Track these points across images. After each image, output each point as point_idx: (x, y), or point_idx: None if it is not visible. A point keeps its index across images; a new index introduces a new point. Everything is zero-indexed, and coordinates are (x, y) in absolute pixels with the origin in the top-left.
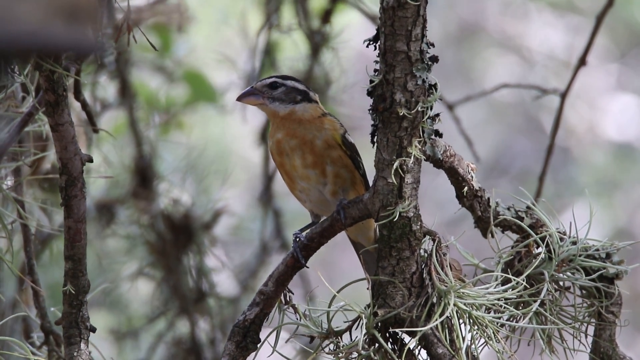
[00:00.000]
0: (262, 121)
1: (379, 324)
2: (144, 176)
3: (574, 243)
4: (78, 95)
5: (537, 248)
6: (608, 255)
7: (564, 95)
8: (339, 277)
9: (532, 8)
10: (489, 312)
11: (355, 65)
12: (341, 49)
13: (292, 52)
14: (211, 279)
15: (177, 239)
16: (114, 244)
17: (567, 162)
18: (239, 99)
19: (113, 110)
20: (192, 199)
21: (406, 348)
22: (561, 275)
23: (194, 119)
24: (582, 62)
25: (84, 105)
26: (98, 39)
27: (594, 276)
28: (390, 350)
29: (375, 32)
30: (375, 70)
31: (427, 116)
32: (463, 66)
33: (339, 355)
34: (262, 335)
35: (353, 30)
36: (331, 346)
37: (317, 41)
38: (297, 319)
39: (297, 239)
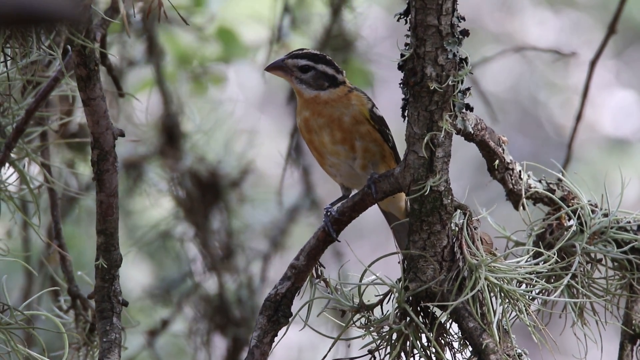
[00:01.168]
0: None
1: (410, 298)
2: (171, 134)
3: (606, 215)
4: (104, 60)
5: (568, 220)
6: None
7: (593, 62)
8: (370, 252)
9: (529, 4)
10: (520, 286)
11: (379, 22)
12: (363, 7)
13: (316, 11)
14: (239, 237)
15: (204, 196)
16: (142, 202)
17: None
18: (268, 69)
19: (141, 68)
20: (220, 157)
21: (437, 322)
22: (593, 247)
23: (225, 75)
24: (612, 30)
25: (110, 70)
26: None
27: (625, 248)
28: (421, 324)
29: (406, 5)
30: (406, 44)
31: (457, 90)
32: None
33: (370, 329)
34: (294, 310)
35: None
36: (362, 320)
37: (337, 1)
38: (328, 293)
39: (329, 213)
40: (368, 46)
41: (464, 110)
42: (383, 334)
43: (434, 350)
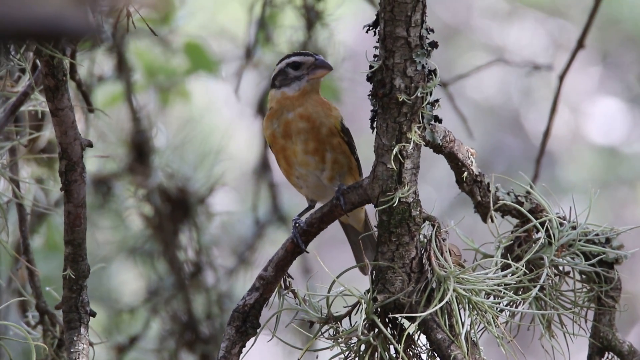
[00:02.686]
0: (259, 93)
1: (379, 309)
2: (140, 150)
3: (574, 228)
4: (73, 74)
5: (536, 233)
6: (607, 240)
7: (562, 77)
8: (338, 263)
9: (514, 10)
10: (488, 298)
11: (350, 42)
12: (335, 25)
13: (289, 24)
14: (208, 253)
15: (173, 213)
16: (110, 219)
17: (551, 165)
18: (323, 66)
19: (110, 84)
20: (189, 173)
21: (405, 333)
22: (561, 260)
23: (193, 88)
24: (580, 44)
25: (79, 85)
26: (95, 19)
27: (593, 261)
28: (389, 336)
29: (374, 17)
30: (375, 56)
31: (426, 102)
32: (445, 69)
33: (339, 341)
34: (262, 321)
35: (347, 9)
36: (331, 331)
37: (311, 17)
38: (296, 304)
39: (297, 225)
40: (337, 62)
41: (432, 122)
42: (351, 345)
43: None
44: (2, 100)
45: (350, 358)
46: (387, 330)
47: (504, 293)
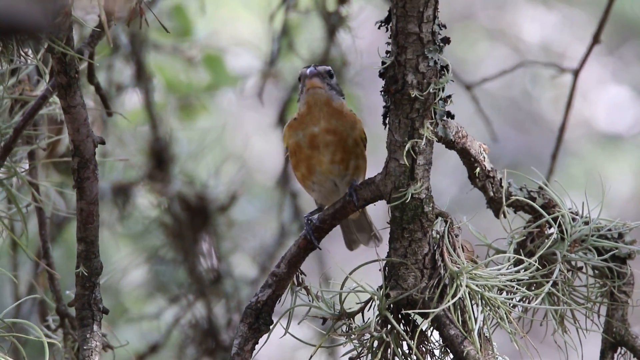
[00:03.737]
0: (279, 103)
1: (391, 305)
2: (160, 158)
3: (586, 223)
4: (92, 78)
5: (549, 228)
6: (620, 235)
7: (577, 73)
8: (350, 260)
9: (522, 0)
10: (501, 293)
11: (371, 47)
12: (358, 30)
13: (310, 34)
14: (228, 261)
15: (193, 221)
16: (130, 227)
17: (559, 154)
18: (310, 76)
19: (129, 93)
20: (208, 182)
21: (418, 329)
22: (573, 255)
23: (213, 103)
24: (596, 40)
25: (98, 89)
26: (49, 16)
27: (606, 256)
28: (402, 332)
29: (387, 13)
30: (387, 52)
31: (438, 97)
32: (455, 59)
33: (351, 337)
34: (275, 317)
35: (369, 12)
36: (343, 328)
37: (334, 22)
38: (309, 300)
39: (309, 221)
40: (357, 70)
41: (445, 118)
42: (364, 341)
43: (415, 358)
44: (20, 104)
45: (363, 354)
46: (399, 326)
47: (516, 289)
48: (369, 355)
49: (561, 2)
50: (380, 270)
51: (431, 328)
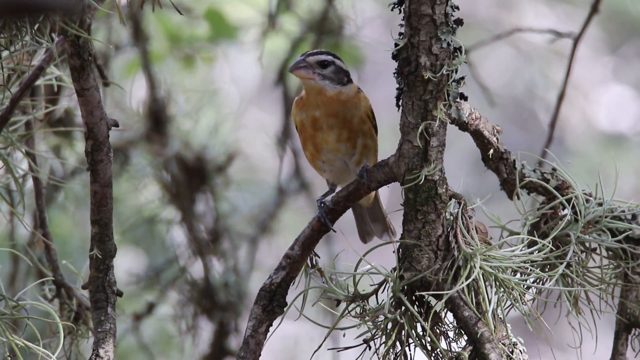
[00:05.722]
0: (280, 61)
1: (405, 287)
2: (157, 119)
3: (600, 204)
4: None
5: (563, 210)
6: (634, 217)
7: (576, 40)
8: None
9: None
10: (515, 275)
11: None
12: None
13: None
14: (225, 221)
15: (190, 181)
16: (127, 187)
17: (561, 153)
18: (291, 70)
19: (127, 53)
20: (206, 141)
21: (432, 311)
22: (587, 236)
23: (214, 56)
24: (595, 9)
25: (94, 59)
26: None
27: (620, 237)
28: (416, 313)
29: None
30: (400, 34)
31: (452, 79)
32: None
33: (366, 319)
34: (289, 299)
35: None
36: (357, 309)
37: None
38: (323, 282)
39: (322, 204)
40: (357, 28)
41: (458, 100)
42: (378, 323)
43: (429, 339)
44: (17, 74)
45: (377, 336)
46: (413, 308)
47: (530, 270)
48: (383, 337)
49: (562, 1)
50: (394, 252)
51: (445, 310)
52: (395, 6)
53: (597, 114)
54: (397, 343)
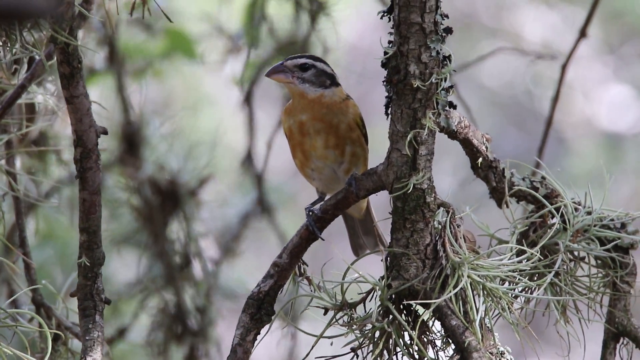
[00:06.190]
0: (246, 84)
1: (393, 295)
2: (131, 142)
3: (589, 213)
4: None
5: (552, 218)
6: (623, 225)
7: (564, 66)
8: (351, 251)
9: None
10: (503, 284)
11: (352, 31)
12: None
13: (279, 12)
14: (197, 245)
15: (163, 204)
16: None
17: (561, 153)
18: (268, 74)
19: (100, 76)
20: (179, 165)
21: (420, 320)
22: (576, 245)
23: (170, 70)
24: (583, 34)
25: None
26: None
27: (608, 246)
28: (404, 322)
29: (389, 3)
30: (389, 42)
31: (441, 88)
32: (458, 57)
33: (353, 327)
34: (277, 308)
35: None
36: (345, 318)
37: (314, 8)
38: (311, 291)
39: (311, 212)
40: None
41: (447, 108)
42: (366, 331)
43: (416, 348)
44: None
45: (365, 345)
46: (401, 316)
47: (518, 279)
48: (371, 345)
49: (563, 1)
50: (382, 260)
51: (433, 318)
52: (385, 14)
53: (597, 114)
54: (385, 352)
